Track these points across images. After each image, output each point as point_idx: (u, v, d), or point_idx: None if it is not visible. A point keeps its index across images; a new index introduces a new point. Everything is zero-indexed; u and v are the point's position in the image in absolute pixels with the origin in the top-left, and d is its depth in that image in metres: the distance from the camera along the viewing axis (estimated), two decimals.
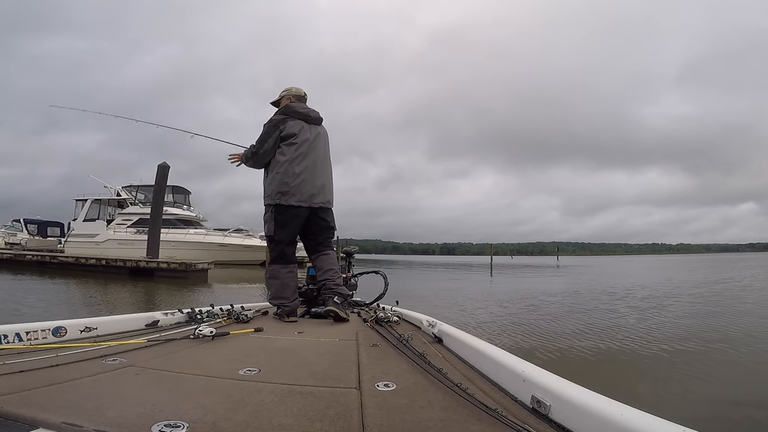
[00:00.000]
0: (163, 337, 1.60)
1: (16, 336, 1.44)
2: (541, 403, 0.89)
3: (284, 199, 2.33)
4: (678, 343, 4.14)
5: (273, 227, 2.37)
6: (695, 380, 3.06)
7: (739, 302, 7.64)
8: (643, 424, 0.68)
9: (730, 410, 2.48)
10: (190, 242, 19.02)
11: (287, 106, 2.50)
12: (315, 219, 2.44)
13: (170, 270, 11.39)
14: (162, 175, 12.69)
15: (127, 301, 7.42)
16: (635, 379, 3.13)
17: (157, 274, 11.38)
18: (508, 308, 7.02)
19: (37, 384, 0.99)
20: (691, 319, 5.74)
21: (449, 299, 8.19)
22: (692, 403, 2.66)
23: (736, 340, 4.30)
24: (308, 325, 2.10)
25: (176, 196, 21.71)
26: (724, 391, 2.86)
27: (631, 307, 6.94)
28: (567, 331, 4.82)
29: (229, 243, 19.50)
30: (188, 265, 11.34)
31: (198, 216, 21.92)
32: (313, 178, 2.40)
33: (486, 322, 5.62)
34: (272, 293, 2.34)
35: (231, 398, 0.96)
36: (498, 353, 1.20)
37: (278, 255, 2.39)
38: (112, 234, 19.48)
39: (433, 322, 1.82)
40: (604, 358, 3.70)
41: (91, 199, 21.02)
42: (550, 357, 3.68)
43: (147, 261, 11.91)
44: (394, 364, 1.31)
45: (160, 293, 8.53)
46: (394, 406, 0.94)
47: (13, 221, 28.21)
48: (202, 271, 11.68)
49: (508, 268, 24.56)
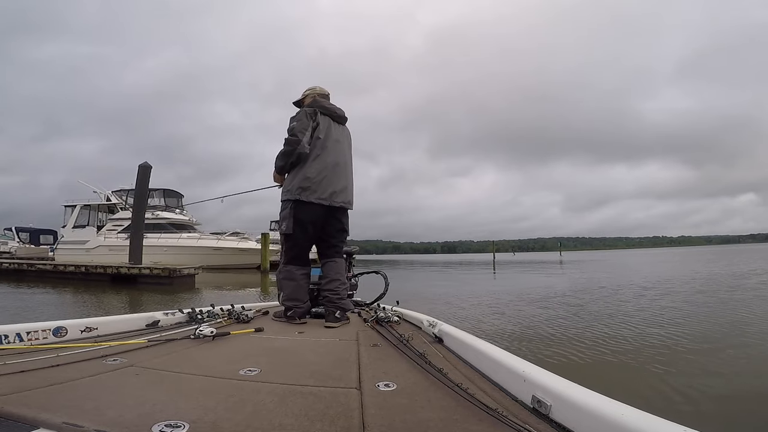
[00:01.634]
0: (163, 337, 1.60)
1: (17, 336, 1.45)
2: (542, 403, 0.89)
3: (305, 195, 2.23)
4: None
5: (292, 225, 2.26)
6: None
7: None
8: (644, 424, 0.68)
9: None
10: (183, 246, 18.52)
11: (315, 100, 2.41)
12: (331, 219, 2.35)
13: (153, 276, 10.78)
14: (143, 176, 11.93)
15: (102, 311, 6.79)
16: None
17: (140, 281, 10.80)
18: (536, 314, 5.61)
19: (37, 384, 0.99)
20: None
21: (456, 305, 6.77)
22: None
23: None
24: (309, 326, 2.09)
25: (168, 200, 21.20)
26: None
27: (689, 307, 5.74)
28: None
29: (223, 246, 18.95)
30: (172, 270, 10.78)
31: (191, 219, 21.33)
32: (336, 177, 2.32)
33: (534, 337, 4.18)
34: (286, 294, 2.26)
35: (231, 398, 0.96)
36: (498, 353, 1.19)
37: (296, 255, 2.31)
38: (103, 240, 18.94)
39: (433, 322, 1.81)
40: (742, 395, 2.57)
41: (80, 204, 20.44)
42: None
43: (128, 267, 11.30)
44: (394, 364, 1.31)
45: (143, 301, 7.92)
46: (395, 406, 0.94)
47: (5, 230, 27.76)
48: (188, 277, 11.14)
49: (511, 265, 24.15)
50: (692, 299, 6.63)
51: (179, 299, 7.74)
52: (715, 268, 14.49)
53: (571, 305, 6.39)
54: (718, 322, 4.65)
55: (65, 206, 21.01)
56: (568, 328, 4.54)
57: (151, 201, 20.72)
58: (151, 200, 20.76)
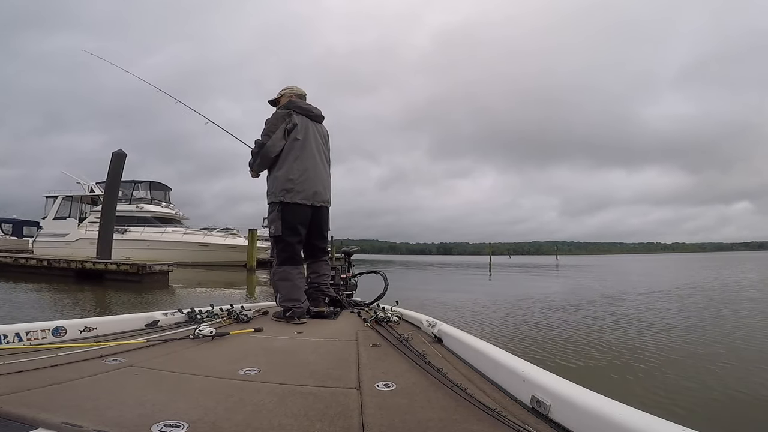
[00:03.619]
0: (162, 337, 1.59)
1: (16, 336, 1.44)
2: (541, 403, 0.89)
3: (289, 196, 2.27)
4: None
5: (281, 227, 2.28)
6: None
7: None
8: (643, 424, 0.68)
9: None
10: (167, 241, 17.85)
11: (291, 101, 2.43)
12: (316, 219, 2.39)
13: (121, 272, 9.80)
14: (116, 164, 10.78)
15: (50, 311, 5.87)
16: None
17: (107, 277, 9.84)
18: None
19: (36, 384, 0.99)
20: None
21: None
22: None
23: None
24: (308, 326, 2.08)
25: (155, 193, 20.51)
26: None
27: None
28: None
29: (210, 242, 18.27)
30: (141, 266, 9.81)
31: (178, 213, 20.67)
32: (317, 176, 2.36)
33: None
34: (284, 295, 2.26)
35: (231, 398, 0.96)
36: (498, 353, 1.19)
37: (289, 256, 2.32)
38: (84, 233, 18.03)
39: (433, 322, 1.80)
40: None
41: (62, 195, 19.65)
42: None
43: (94, 262, 10.27)
44: (394, 364, 1.31)
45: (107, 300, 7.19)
46: (394, 406, 0.94)
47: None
48: (160, 274, 10.17)
49: (508, 269, 23.82)
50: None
51: (144, 301, 6.95)
52: (728, 274, 14.10)
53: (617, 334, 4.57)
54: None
55: (46, 197, 20.21)
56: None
57: (136, 193, 20.05)
58: (137, 193, 20.08)
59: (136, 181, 20.16)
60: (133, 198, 19.69)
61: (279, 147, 2.28)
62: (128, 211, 19.04)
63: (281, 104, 2.44)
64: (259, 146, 2.29)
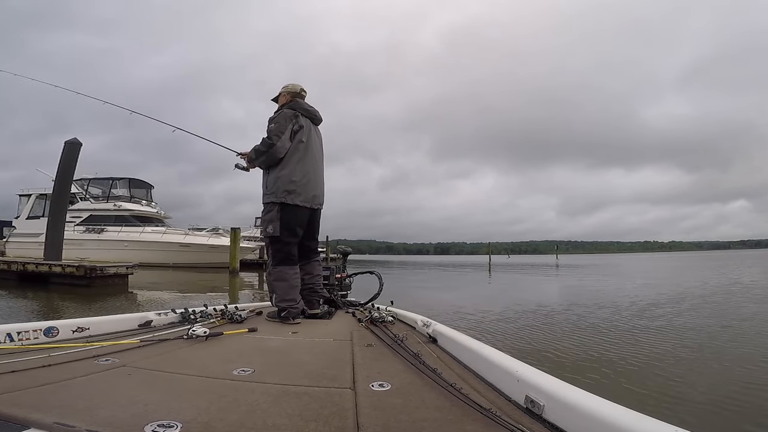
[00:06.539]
0: (156, 338, 1.59)
1: (8, 336, 1.43)
2: (535, 403, 0.89)
3: (290, 198, 2.27)
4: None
5: (279, 227, 2.27)
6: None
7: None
8: (636, 424, 0.69)
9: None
10: (146, 242, 16.82)
11: (296, 102, 2.42)
12: (311, 221, 2.41)
13: (67, 275, 8.55)
14: (70, 153, 9.61)
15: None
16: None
17: (54, 281, 8.63)
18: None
19: (28, 384, 0.99)
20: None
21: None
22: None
23: None
24: (302, 326, 2.07)
25: (135, 191, 19.44)
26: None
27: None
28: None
29: (192, 243, 17.18)
30: (90, 269, 8.51)
31: (159, 212, 19.60)
32: (317, 180, 2.39)
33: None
34: (280, 295, 2.25)
35: (225, 398, 0.96)
36: (492, 353, 1.19)
37: (286, 256, 2.31)
38: None
39: (427, 322, 1.81)
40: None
41: (36, 193, 18.48)
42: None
43: (37, 264, 9.06)
44: (388, 364, 1.32)
45: (40, 309, 6.01)
46: (389, 406, 0.94)
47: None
48: (116, 277, 8.92)
49: (507, 269, 22.98)
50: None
51: (87, 308, 5.88)
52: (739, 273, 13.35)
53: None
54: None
55: (20, 195, 19.10)
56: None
57: (114, 191, 19.03)
58: (115, 190, 19.10)
59: (114, 178, 19.10)
60: (111, 196, 18.63)
61: (287, 148, 2.29)
62: (105, 210, 18.06)
63: (283, 102, 2.44)
64: (267, 146, 2.28)
